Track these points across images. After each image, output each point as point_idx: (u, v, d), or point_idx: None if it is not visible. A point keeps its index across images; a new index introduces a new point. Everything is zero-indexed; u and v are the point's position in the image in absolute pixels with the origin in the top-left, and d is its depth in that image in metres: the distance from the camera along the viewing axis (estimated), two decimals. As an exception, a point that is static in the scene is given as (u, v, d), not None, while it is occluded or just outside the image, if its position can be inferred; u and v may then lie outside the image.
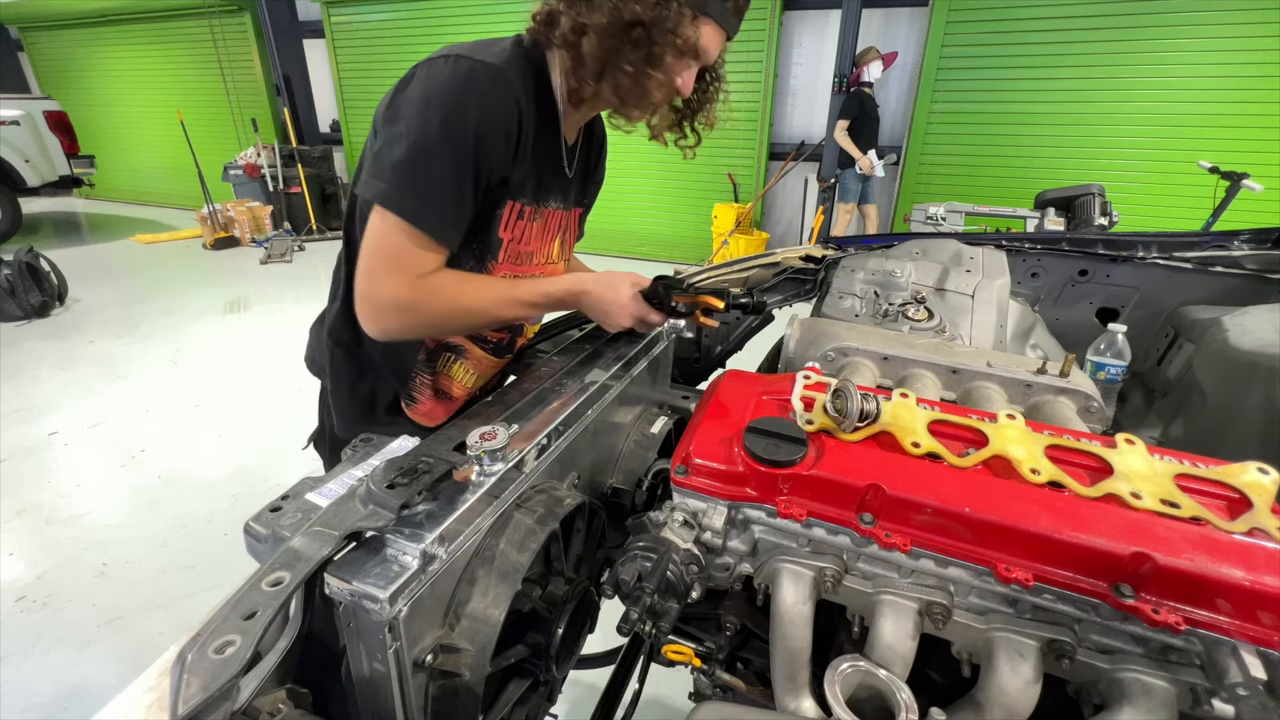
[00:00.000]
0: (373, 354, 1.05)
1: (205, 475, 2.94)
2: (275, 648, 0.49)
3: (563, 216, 1.09)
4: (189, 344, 4.50)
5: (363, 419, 1.10)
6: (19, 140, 7.06)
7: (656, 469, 0.97)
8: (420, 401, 1.10)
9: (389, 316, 0.88)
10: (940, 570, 0.62)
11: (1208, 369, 1.15)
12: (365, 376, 1.07)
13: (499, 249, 0.98)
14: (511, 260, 1.02)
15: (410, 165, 0.81)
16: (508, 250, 1.00)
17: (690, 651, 0.84)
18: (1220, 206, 3.47)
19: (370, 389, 1.08)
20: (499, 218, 0.95)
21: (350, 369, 1.07)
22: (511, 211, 0.96)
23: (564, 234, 1.13)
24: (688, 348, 1.42)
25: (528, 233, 1.01)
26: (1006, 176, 5.89)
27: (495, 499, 0.61)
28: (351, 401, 1.09)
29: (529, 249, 1.03)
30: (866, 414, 0.68)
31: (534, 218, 1.01)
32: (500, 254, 0.99)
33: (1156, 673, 0.55)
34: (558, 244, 1.12)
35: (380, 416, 1.10)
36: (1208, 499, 0.59)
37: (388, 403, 1.09)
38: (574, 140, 1.06)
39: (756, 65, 6.48)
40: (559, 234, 1.11)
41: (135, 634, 2.05)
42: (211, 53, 8.60)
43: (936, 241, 1.45)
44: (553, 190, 1.03)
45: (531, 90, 0.89)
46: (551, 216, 1.06)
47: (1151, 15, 5.08)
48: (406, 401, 1.09)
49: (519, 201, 0.96)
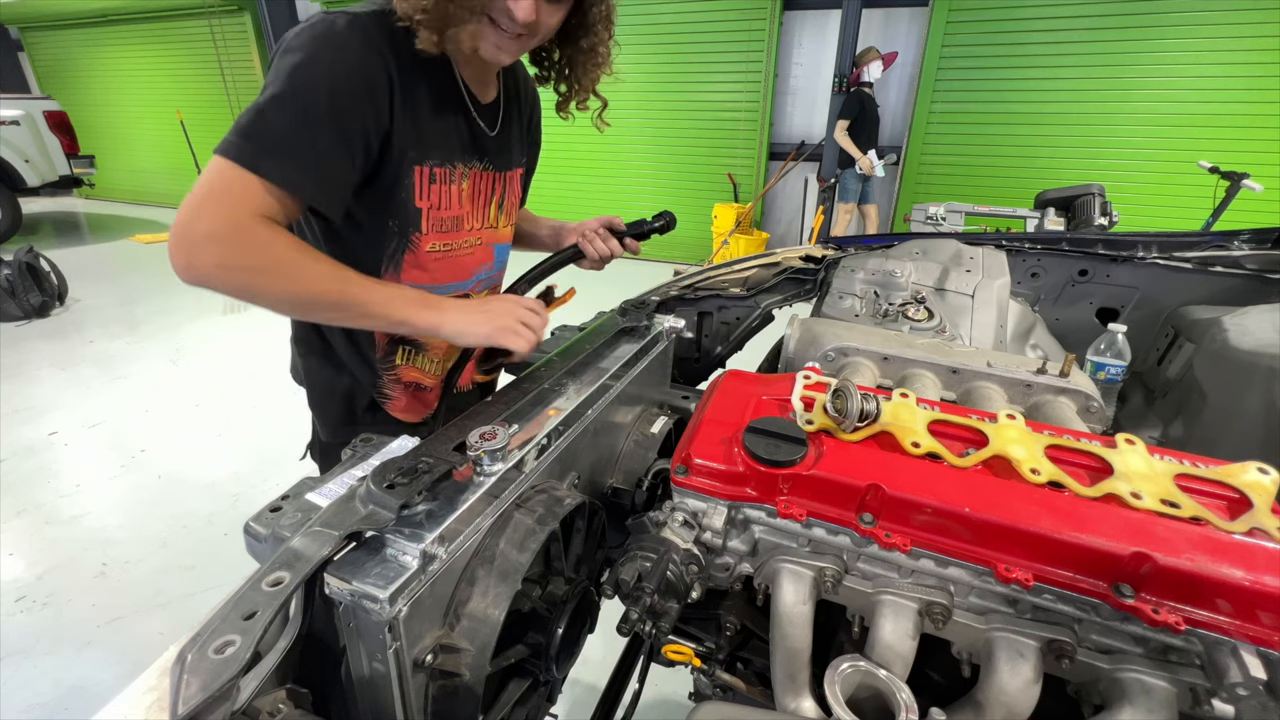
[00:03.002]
0: (340, 355, 1.05)
1: (205, 475, 2.94)
2: (275, 648, 0.49)
3: (494, 178, 1.06)
4: (189, 344, 4.51)
5: (346, 422, 1.10)
6: (19, 140, 7.06)
7: (656, 469, 0.96)
8: (394, 398, 1.10)
9: (199, 248, 0.76)
10: (940, 570, 0.62)
11: (1208, 369, 1.15)
12: (340, 379, 1.07)
13: (419, 218, 0.95)
14: (438, 229, 0.98)
15: (257, 113, 0.77)
16: (430, 219, 0.97)
17: (690, 651, 0.84)
18: (1220, 206, 3.47)
19: (347, 391, 1.08)
20: (410, 186, 0.92)
21: (323, 374, 1.08)
22: (422, 177, 0.93)
23: (501, 197, 1.10)
24: (688, 348, 1.43)
25: (448, 197, 0.98)
26: (1006, 176, 5.89)
27: (495, 499, 0.61)
28: (332, 405, 1.10)
29: (455, 213, 1.00)
30: (866, 414, 0.68)
31: (451, 179, 0.97)
32: (423, 223, 0.96)
33: (1156, 673, 0.55)
34: (494, 208, 1.09)
35: (362, 418, 1.10)
36: (1208, 499, 0.59)
37: (366, 403, 1.09)
38: (492, 99, 1.03)
39: (756, 65, 6.49)
40: (494, 197, 1.07)
41: (135, 634, 2.05)
42: (211, 53, 8.61)
43: (936, 241, 1.45)
44: (470, 150, 0.99)
45: (401, 41, 0.85)
46: (480, 179, 1.02)
47: (1152, 15, 5.09)
48: (380, 399, 1.09)
49: (427, 165, 0.93)
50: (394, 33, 0.85)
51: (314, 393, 1.11)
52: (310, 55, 0.79)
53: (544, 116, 1.24)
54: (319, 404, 1.12)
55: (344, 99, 0.80)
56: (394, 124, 0.87)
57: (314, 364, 1.08)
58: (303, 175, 0.80)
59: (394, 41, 0.85)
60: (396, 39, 0.85)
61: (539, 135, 1.22)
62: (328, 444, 1.14)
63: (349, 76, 0.81)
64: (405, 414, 1.12)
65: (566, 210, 2.49)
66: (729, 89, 6.72)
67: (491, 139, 1.03)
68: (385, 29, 0.85)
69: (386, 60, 0.84)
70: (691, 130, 7.00)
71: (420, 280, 1.01)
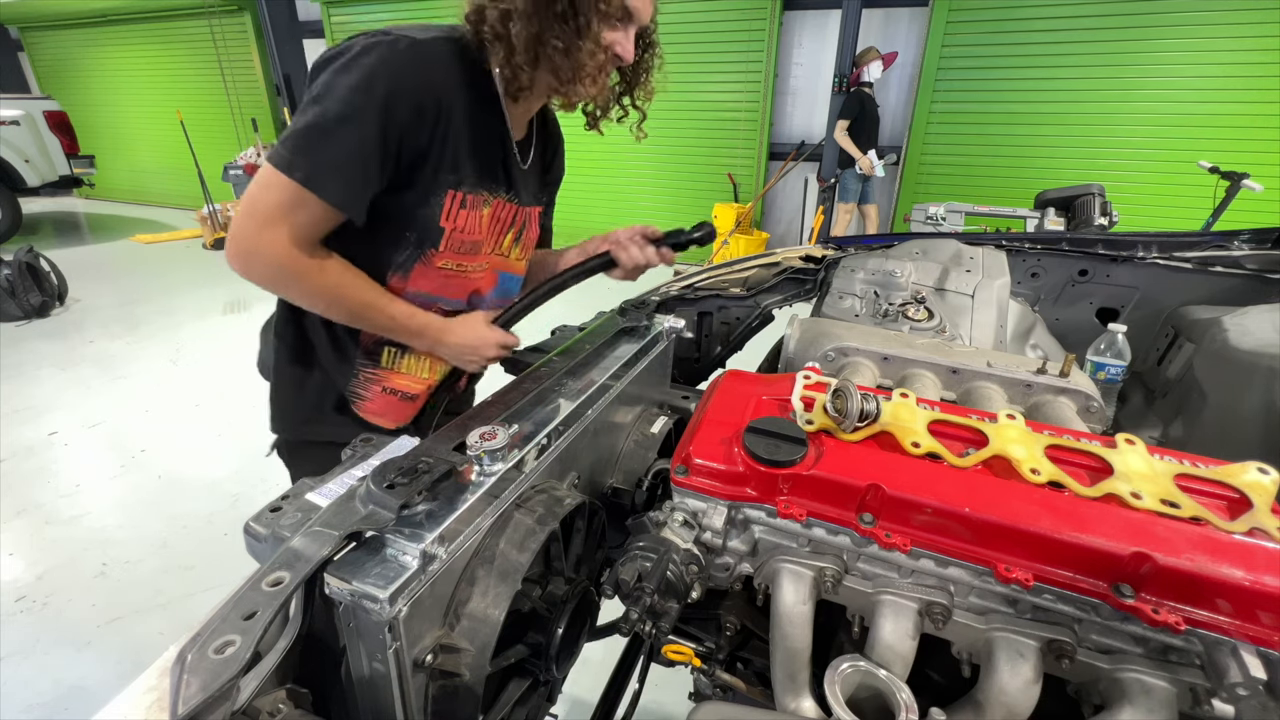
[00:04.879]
0: (316, 347, 1.05)
1: (205, 475, 2.94)
2: (275, 648, 0.49)
3: (516, 210, 1.08)
4: (189, 344, 4.51)
5: (311, 419, 1.08)
6: (19, 140, 7.07)
7: (656, 469, 0.96)
8: (368, 399, 1.08)
9: (258, 269, 0.88)
10: (940, 570, 0.62)
11: (1208, 369, 1.15)
12: (311, 373, 1.07)
13: (440, 238, 0.98)
14: (455, 250, 1.01)
15: (312, 130, 0.82)
16: (450, 240, 0.99)
17: (690, 651, 0.84)
18: (1220, 206, 3.47)
19: (317, 386, 1.07)
20: (439, 206, 0.95)
21: (296, 366, 1.07)
22: (453, 201, 0.96)
23: (520, 230, 1.11)
24: (688, 348, 1.42)
25: (473, 222, 1.00)
26: (1006, 176, 5.90)
27: (495, 499, 0.61)
28: (299, 399, 1.08)
29: (474, 238, 1.02)
30: (866, 414, 0.68)
31: (478, 206, 0.99)
32: (442, 243, 0.98)
33: (1156, 673, 0.55)
34: (510, 238, 1.10)
35: (329, 415, 1.08)
36: (1208, 499, 0.59)
37: (335, 401, 1.08)
38: (524, 135, 1.06)
39: (756, 65, 6.49)
40: (512, 228, 1.09)
41: (135, 634, 2.05)
42: (211, 53, 8.61)
43: (936, 241, 1.45)
44: (500, 181, 1.02)
45: (457, 71, 0.90)
46: (502, 208, 1.04)
47: (1151, 15, 5.09)
48: (352, 398, 1.07)
49: (460, 190, 0.96)
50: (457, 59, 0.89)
51: (281, 386, 1.09)
52: (369, 77, 0.82)
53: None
54: (285, 395, 1.09)
55: (394, 128, 0.85)
56: (431, 147, 0.90)
57: (286, 354, 1.07)
58: (352, 195, 0.87)
59: (446, 63, 0.89)
60: (453, 63, 0.89)
61: (561, 174, 1.24)
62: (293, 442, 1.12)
63: (401, 103, 0.84)
64: (377, 418, 1.10)
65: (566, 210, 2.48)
66: (729, 89, 6.72)
67: (522, 173, 1.06)
68: (446, 56, 0.89)
69: (440, 88, 0.88)
70: (691, 130, 7.00)
71: (423, 288, 1.03)
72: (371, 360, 1.07)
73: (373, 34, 0.86)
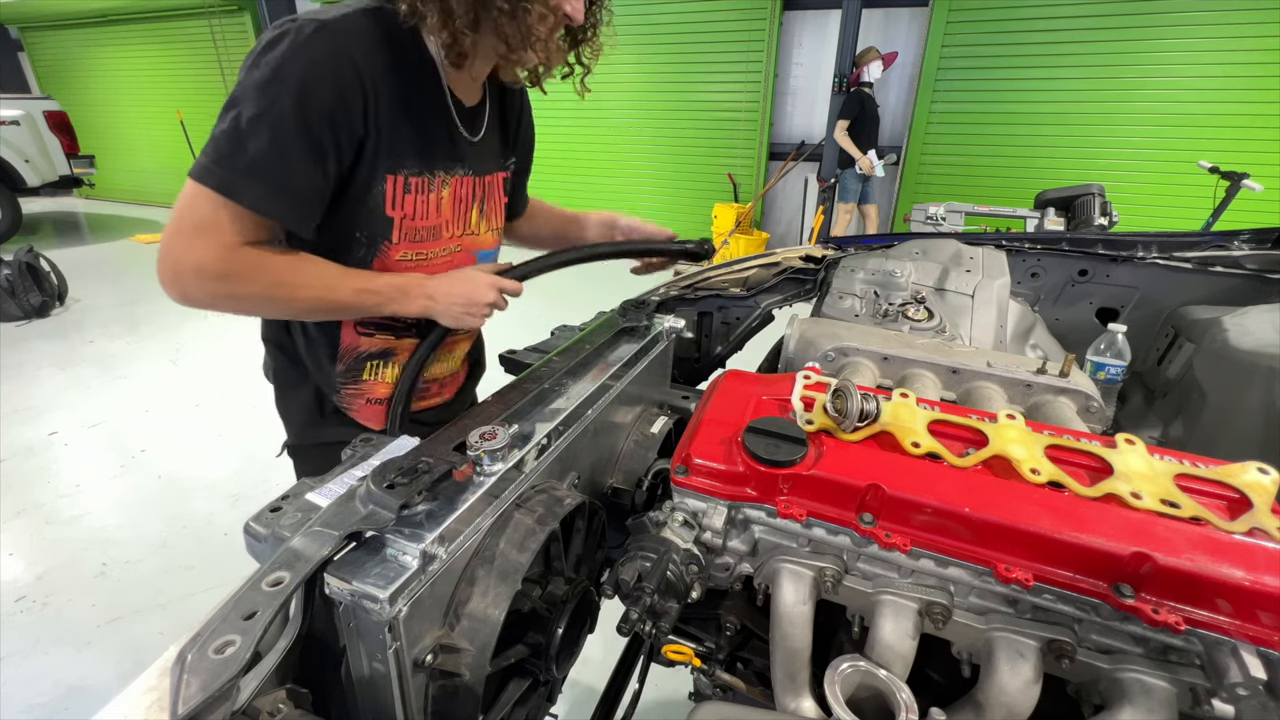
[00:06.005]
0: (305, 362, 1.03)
1: (205, 475, 2.94)
2: (275, 648, 0.49)
3: (474, 183, 1.02)
4: (189, 344, 4.51)
5: (311, 423, 1.08)
6: (19, 140, 7.06)
7: (656, 469, 0.96)
8: (354, 410, 1.06)
9: (190, 282, 0.80)
10: (940, 570, 0.62)
11: (1208, 369, 1.15)
12: (305, 379, 1.05)
13: (391, 228, 0.93)
14: (410, 239, 0.96)
15: (227, 136, 0.77)
16: (402, 229, 0.94)
17: (690, 651, 0.84)
18: (1220, 206, 3.47)
19: (311, 392, 1.06)
20: (381, 195, 0.89)
21: (291, 371, 1.06)
22: (396, 186, 0.90)
23: (483, 202, 1.06)
24: (688, 348, 1.42)
25: (424, 207, 0.95)
26: (1006, 176, 5.90)
27: (495, 499, 0.61)
28: (298, 405, 1.07)
29: (432, 223, 0.97)
30: (866, 414, 0.68)
31: (429, 188, 0.94)
32: (394, 233, 0.93)
33: (1156, 673, 0.55)
34: (476, 213, 1.05)
35: (329, 419, 1.07)
36: (1208, 499, 0.59)
37: (330, 406, 1.06)
38: (477, 101, 1.01)
39: (756, 65, 6.49)
40: (475, 202, 1.04)
41: (135, 634, 2.05)
42: (211, 53, 8.61)
43: (936, 241, 1.45)
44: (450, 157, 0.96)
45: (381, 46, 0.83)
46: (461, 185, 0.99)
47: (1151, 15, 5.09)
48: (341, 408, 1.06)
49: (401, 174, 0.90)
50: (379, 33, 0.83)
51: (281, 392, 1.09)
52: (278, 71, 0.76)
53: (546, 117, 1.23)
54: (286, 403, 1.09)
55: (314, 115, 0.78)
56: (368, 131, 0.84)
57: (283, 361, 1.06)
58: (277, 199, 0.80)
59: (375, 44, 0.82)
60: (374, 40, 0.82)
61: (531, 135, 1.19)
62: (296, 445, 1.11)
63: (318, 90, 0.78)
64: (374, 423, 1.08)
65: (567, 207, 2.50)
66: (729, 89, 6.73)
67: (473, 145, 1.00)
68: (365, 31, 0.82)
69: (360, 66, 0.80)
70: (691, 130, 7.00)
71: None
72: (351, 378, 1.04)
73: (280, 23, 0.79)
